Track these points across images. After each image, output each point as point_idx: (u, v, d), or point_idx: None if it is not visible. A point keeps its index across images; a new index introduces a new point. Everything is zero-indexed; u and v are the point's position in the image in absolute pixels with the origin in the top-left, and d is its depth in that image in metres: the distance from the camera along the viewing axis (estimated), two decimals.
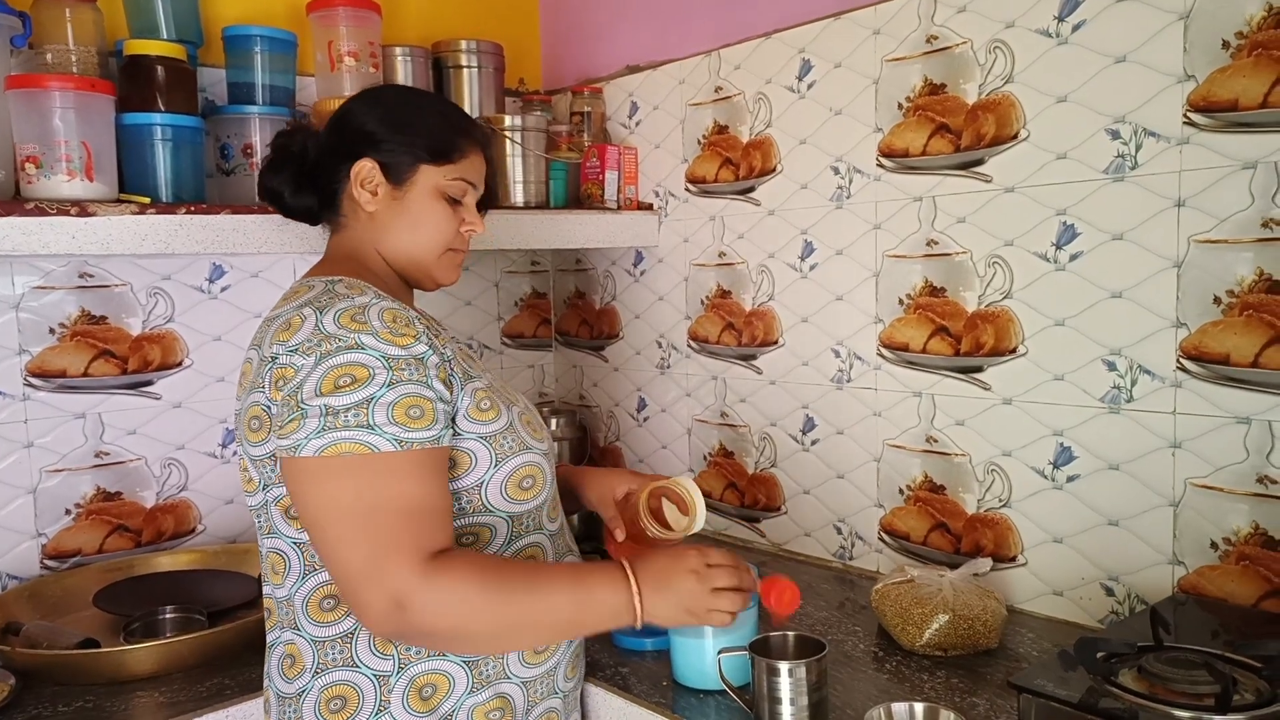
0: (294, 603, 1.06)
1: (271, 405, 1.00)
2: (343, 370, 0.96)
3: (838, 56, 1.66)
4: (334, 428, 0.94)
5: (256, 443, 1.03)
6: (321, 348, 0.98)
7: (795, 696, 1.13)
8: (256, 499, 1.07)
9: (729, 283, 1.89)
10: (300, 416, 0.95)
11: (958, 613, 1.30)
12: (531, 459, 1.10)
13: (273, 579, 1.09)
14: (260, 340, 1.05)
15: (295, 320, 1.01)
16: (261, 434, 1.02)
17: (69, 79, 1.39)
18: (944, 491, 1.57)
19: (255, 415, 1.03)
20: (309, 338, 0.99)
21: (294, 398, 0.97)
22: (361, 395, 0.95)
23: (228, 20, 1.73)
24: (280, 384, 0.98)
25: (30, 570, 1.62)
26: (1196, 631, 1.18)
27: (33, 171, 1.35)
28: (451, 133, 1.16)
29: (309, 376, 0.97)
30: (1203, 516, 1.28)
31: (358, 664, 1.03)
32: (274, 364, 1.00)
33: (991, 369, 1.49)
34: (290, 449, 0.96)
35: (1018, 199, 1.44)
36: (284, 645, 1.08)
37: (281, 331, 1.02)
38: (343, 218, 1.17)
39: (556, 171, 1.97)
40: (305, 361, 0.97)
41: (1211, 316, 1.26)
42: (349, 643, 1.04)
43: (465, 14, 2.10)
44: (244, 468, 1.08)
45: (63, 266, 1.63)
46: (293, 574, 1.06)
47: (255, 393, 1.03)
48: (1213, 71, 1.23)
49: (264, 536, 1.09)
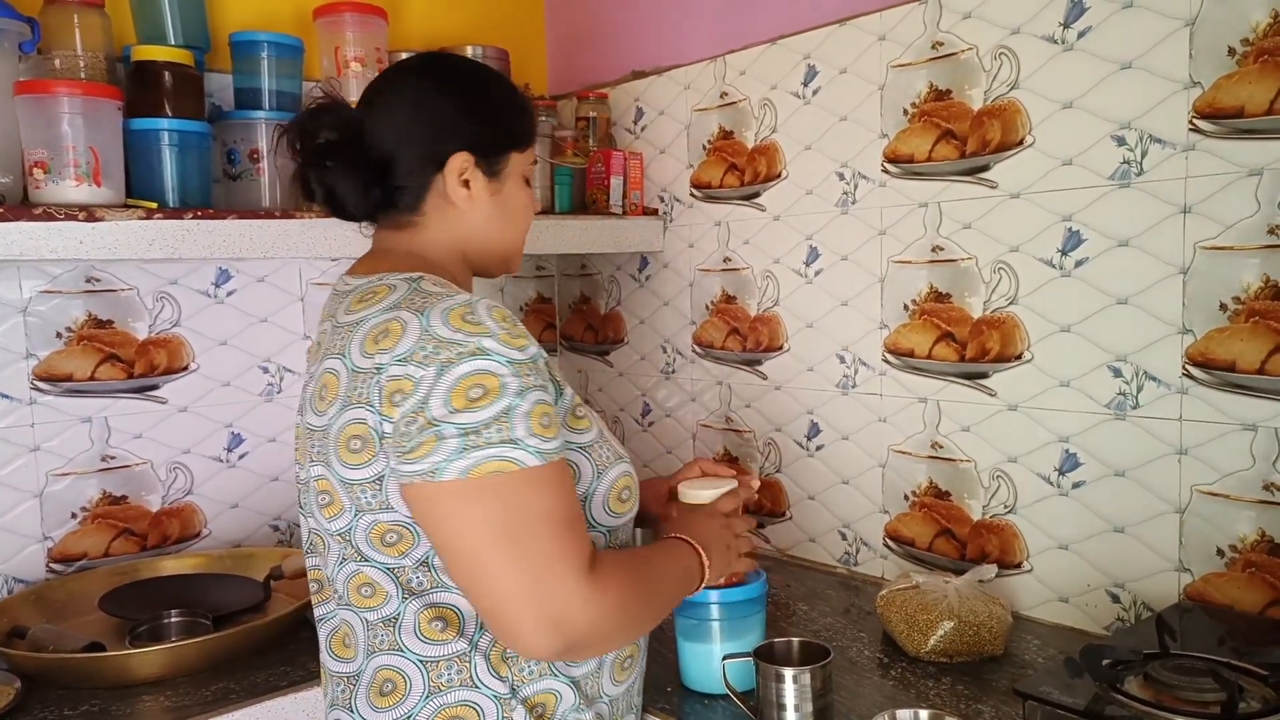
0: (395, 626, 0.96)
1: (384, 423, 0.89)
2: (472, 381, 0.87)
3: (843, 62, 1.66)
4: (476, 446, 0.86)
5: (356, 465, 0.93)
6: (440, 356, 0.88)
7: (800, 703, 1.13)
8: (339, 523, 0.97)
9: (734, 288, 1.89)
10: (435, 437, 0.87)
11: (963, 619, 1.30)
12: (625, 469, 1.04)
13: (361, 604, 0.98)
14: (342, 348, 0.95)
15: (393, 326, 0.91)
16: (364, 455, 0.92)
17: (77, 85, 1.40)
18: (949, 497, 1.57)
19: (356, 435, 0.92)
20: (419, 344, 0.89)
21: (421, 414, 0.87)
22: (498, 408, 0.87)
23: (235, 26, 1.74)
24: (397, 399, 0.88)
25: (36, 574, 1.63)
26: (1203, 639, 1.17)
27: (41, 176, 1.36)
28: (527, 115, 1.10)
29: (433, 390, 0.87)
30: (1209, 523, 1.28)
31: (477, 684, 0.96)
32: (380, 375, 0.90)
33: (997, 375, 1.49)
34: (427, 473, 0.87)
35: (1023, 205, 1.44)
36: (379, 672, 0.98)
37: (377, 339, 0.91)
38: (421, 216, 1.06)
39: (562, 177, 1.98)
40: (424, 373, 0.88)
41: (1218, 323, 1.26)
42: (466, 661, 0.96)
43: (471, 19, 2.11)
44: (323, 489, 0.97)
45: (69, 271, 1.64)
46: (391, 601, 0.96)
47: (353, 409, 0.92)
48: (1218, 78, 1.23)
49: (343, 563, 0.98)
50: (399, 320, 0.91)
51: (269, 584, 1.57)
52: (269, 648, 1.42)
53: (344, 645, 1.01)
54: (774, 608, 1.58)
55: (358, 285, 1.01)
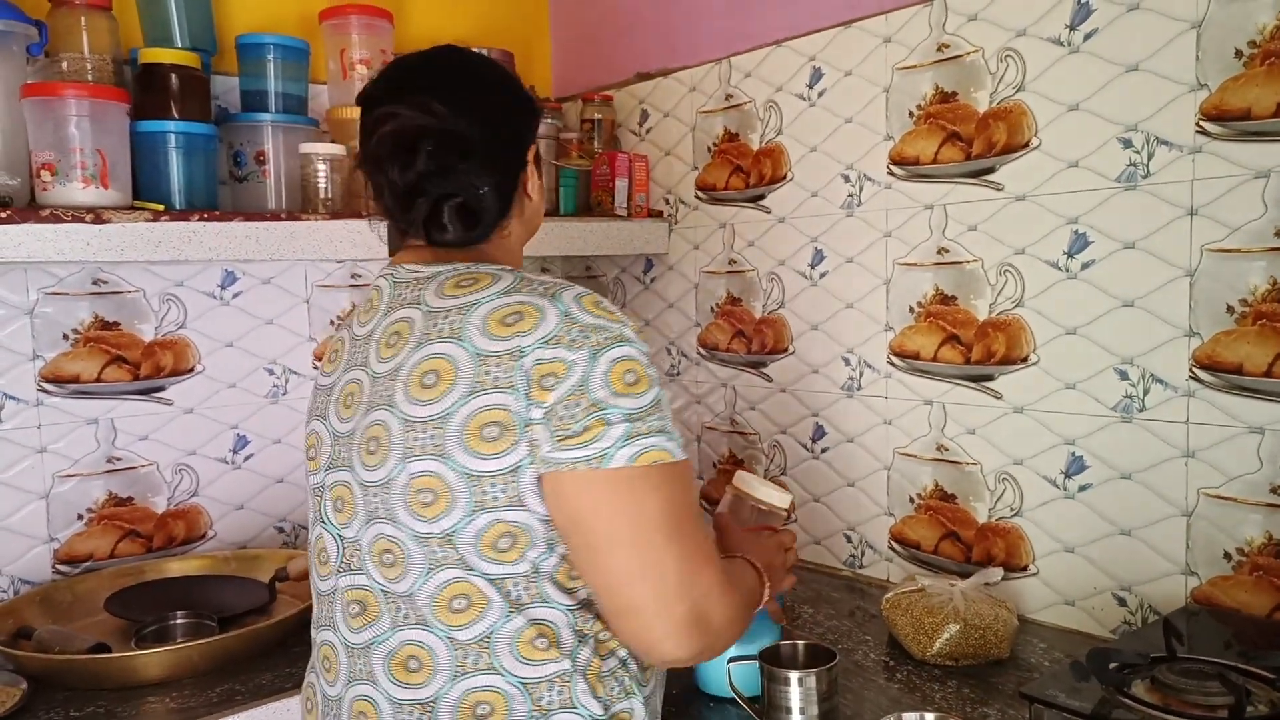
0: (490, 644, 0.89)
1: (533, 408, 0.84)
2: (625, 366, 0.85)
3: (848, 64, 1.66)
4: (640, 434, 0.84)
5: (490, 454, 0.85)
6: (590, 340, 0.85)
7: (805, 706, 1.12)
8: (443, 524, 0.87)
9: (739, 290, 1.89)
10: (602, 421, 0.83)
11: (969, 622, 1.30)
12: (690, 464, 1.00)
13: (450, 620, 0.89)
14: (455, 332, 0.88)
15: (526, 309, 0.87)
16: (501, 444, 0.85)
17: (84, 87, 1.40)
18: (955, 500, 1.57)
19: (494, 421, 0.85)
20: (562, 328, 0.86)
21: (582, 397, 0.84)
22: (651, 396, 0.86)
23: (241, 29, 1.74)
24: (549, 383, 0.84)
25: (42, 575, 1.63)
26: (1210, 642, 1.17)
27: (48, 178, 1.36)
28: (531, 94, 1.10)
29: (590, 375, 0.84)
30: (1216, 527, 1.28)
31: (576, 705, 0.90)
32: (524, 359, 0.85)
33: (1003, 377, 1.49)
34: (594, 458, 0.83)
35: (1029, 207, 1.44)
36: (469, 695, 0.89)
37: (509, 323, 0.87)
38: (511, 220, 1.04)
39: (567, 179, 1.98)
40: (575, 356, 0.85)
41: (1224, 326, 1.25)
42: (568, 682, 0.90)
43: (476, 22, 2.11)
44: (426, 486, 0.87)
45: (76, 273, 1.64)
46: (489, 616, 0.88)
47: (487, 394, 0.85)
48: (1225, 80, 1.23)
49: (432, 572, 0.89)
50: (530, 304, 0.88)
51: (274, 586, 1.57)
52: (274, 649, 1.42)
53: (411, 669, 0.90)
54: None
55: (440, 272, 0.95)
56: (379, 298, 0.99)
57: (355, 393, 0.96)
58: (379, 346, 0.95)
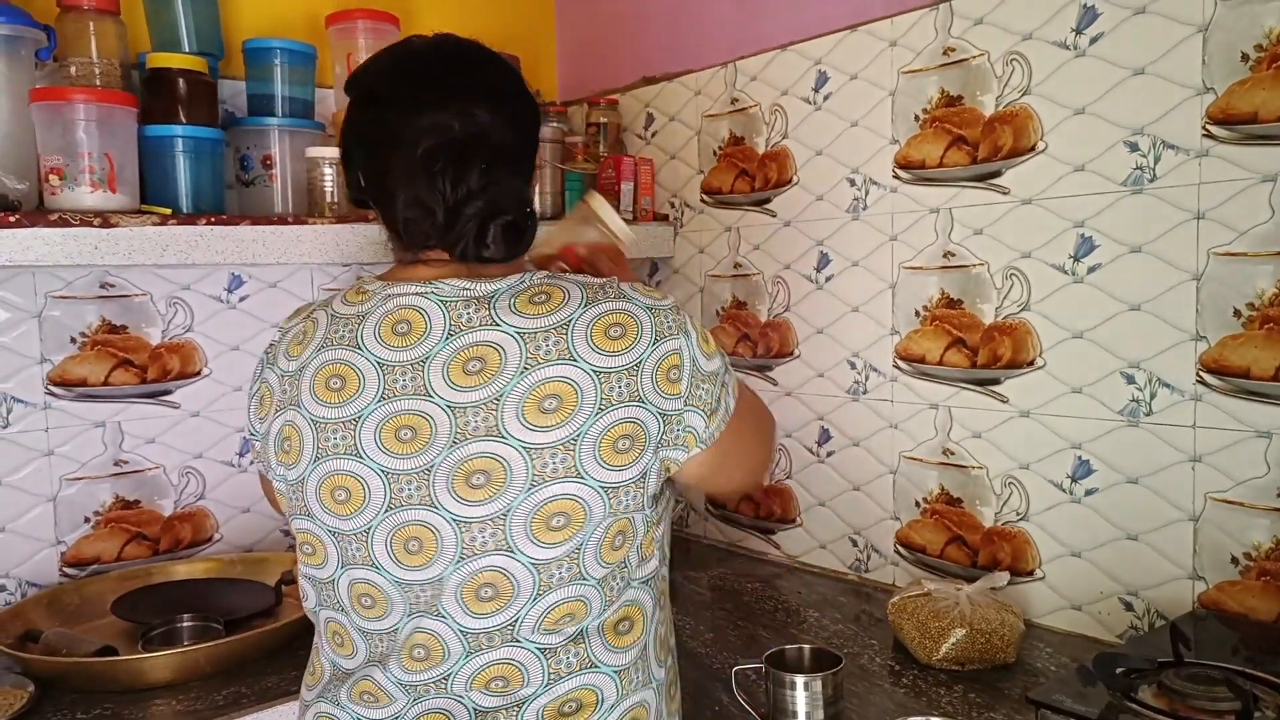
0: (589, 637, 0.91)
1: (668, 402, 0.89)
2: (701, 332, 0.94)
3: (854, 68, 1.66)
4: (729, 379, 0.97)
5: (621, 465, 0.88)
6: (676, 321, 0.92)
7: (811, 710, 1.12)
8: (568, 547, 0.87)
9: (744, 294, 1.89)
10: (722, 385, 0.94)
11: (975, 627, 1.30)
12: None
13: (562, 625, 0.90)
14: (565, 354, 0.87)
15: (623, 319, 0.89)
16: (631, 455, 0.88)
17: (92, 92, 1.40)
18: (961, 504, 1.56)
19: (625, 435, 0.88)
20: (651, 322, 0.90)
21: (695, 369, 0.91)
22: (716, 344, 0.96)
23: (248, 33, 1.75)
24: (674, 375, 0.89)
25: (49, 578, 1.63)
26: (1217, 648, 1.17)
27: (57, 183, 1.37)
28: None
29: (695, 351, 0.91)
30: (1223, 531, 1.27)
31: (651, 678, 0.95)
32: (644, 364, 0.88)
33: (1009, 381, 1.48)
34: (728, 411, 0.95)
35: (1035, 211, 1.44)
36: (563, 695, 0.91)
37: (612, 336, 0.88)
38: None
39: (572, 182, 1.98)
40: (678, 340, 0.91)
41: (1231, 330, 1.25)
42: (645, 659, 0.95)
43: (482, 26, 2.10)
44: (560, 511, 0.87)
45: (83, 276, 1.65)
46: (595, 606, 0.91)
47: (616, 410, 0.87)
48: (1232, 84, 1.23)
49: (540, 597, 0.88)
50: (622, 312, 0.90)
51: (280, 589, 1.58)
52: (280, 652, 1.42)
53: (490, 693, 0.90)
54: (785, 614, 1.58)
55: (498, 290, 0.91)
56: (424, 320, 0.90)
57: (418, 426, 0.88)
58: (451, 371, 0.88)
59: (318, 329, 0.95)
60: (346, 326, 0.93)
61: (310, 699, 1.00)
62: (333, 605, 0.95)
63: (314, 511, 0.93)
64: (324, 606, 0.96)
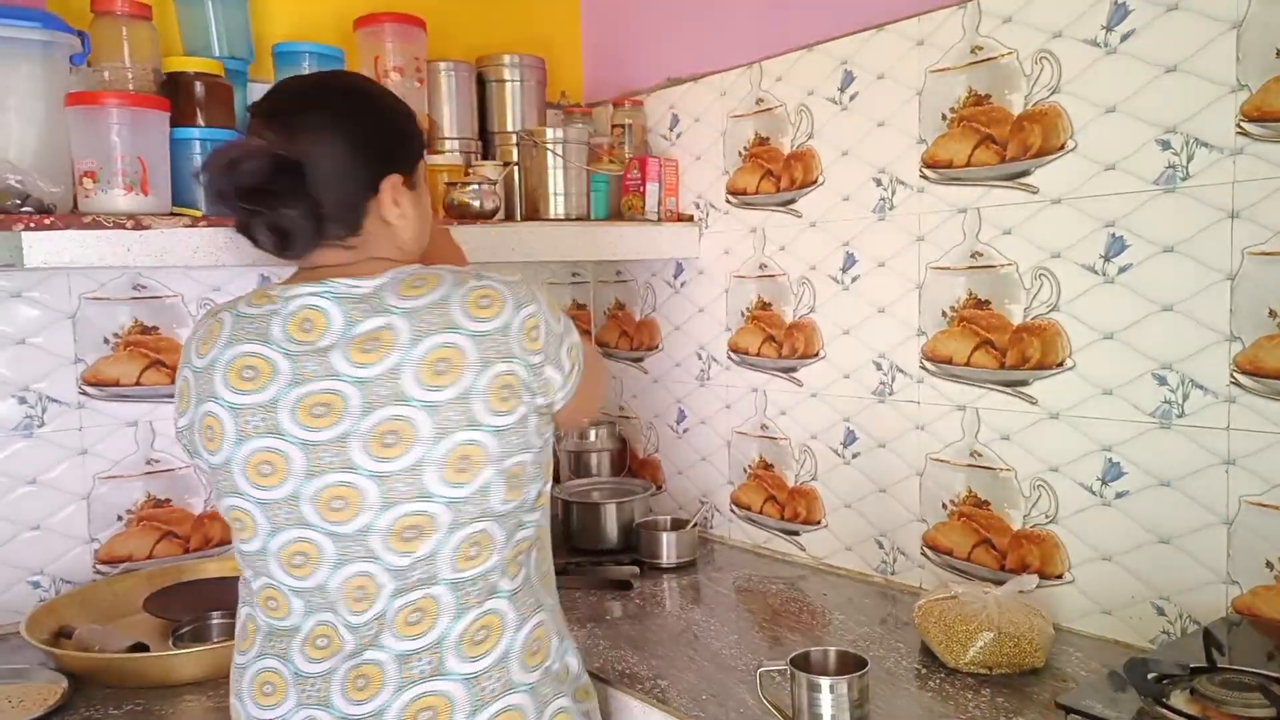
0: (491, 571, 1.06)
1: (531, 356, 1.04)
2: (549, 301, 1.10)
3: (881, 68, 1.65)
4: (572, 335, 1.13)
5: (504, 412, 1.02)
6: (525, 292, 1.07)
7: (837, 713, 1.12)
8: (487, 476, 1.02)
9: (770, 295, 1.89)
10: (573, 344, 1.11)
11: (1003, 630, 1.28)
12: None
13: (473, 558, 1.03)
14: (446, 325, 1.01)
15: (488, 292, 1.04)
16: (511, 403, 1.03)
17: (125, 96, 1.43)
18: (988, 507, 1.55)
19: (506, 384, 1.02)
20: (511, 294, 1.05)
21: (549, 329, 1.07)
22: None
23: (277, 37, 1.77)
24: (534, 334, 1.05)
25: (83, 575, 1.66)
26: (1251, 653, 1.15)
27: (90, 186, 1.39)
28: (416, 121, 1.19)
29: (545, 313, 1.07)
30: (1258, 535, 1.25)
31: (541, 604, 1.10)
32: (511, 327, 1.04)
33: (1038, 383, 1.47)
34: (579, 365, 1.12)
35: (1065, 210, 1.42)
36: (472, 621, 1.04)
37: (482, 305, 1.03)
38: (361, 235, 1.09)
39: (598, 184, 1.99)
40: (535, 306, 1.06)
41: (1267, 330, 1.23)
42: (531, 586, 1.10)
43: (508, 28, 2.13)
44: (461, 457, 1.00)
45: (116, 278, 1.67)
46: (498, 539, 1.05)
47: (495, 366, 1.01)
48: (1267, 81, 1.21)
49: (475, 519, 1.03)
50: (487, 287, 1.05)
51: None
52: None
53: (477, 643, 1.03)
54: (810, 616, 1.57)
55: (380, 283, 1.04)
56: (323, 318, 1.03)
57: (330, 402, 1.00)
58: (350, 353, 1.01)
59: (223, 328, 1.06)
60: (254, 324, 1.05)
61: (245, 662, 1.07)
62: (266, 573, 1.05)
63: (241, 488, 1.03)
64: (258, 575, 1.06)
